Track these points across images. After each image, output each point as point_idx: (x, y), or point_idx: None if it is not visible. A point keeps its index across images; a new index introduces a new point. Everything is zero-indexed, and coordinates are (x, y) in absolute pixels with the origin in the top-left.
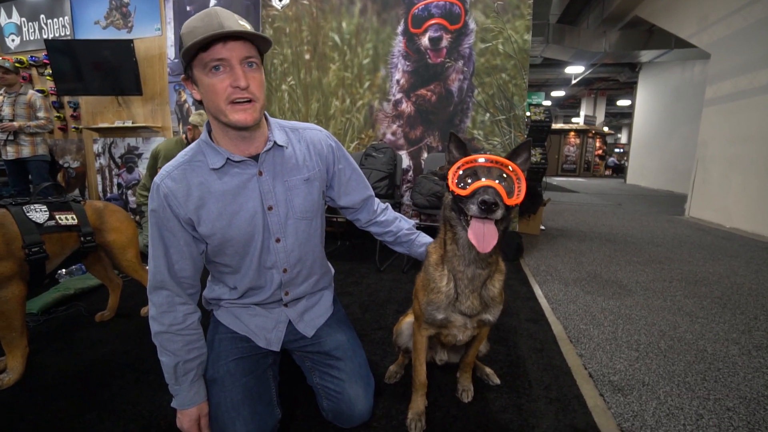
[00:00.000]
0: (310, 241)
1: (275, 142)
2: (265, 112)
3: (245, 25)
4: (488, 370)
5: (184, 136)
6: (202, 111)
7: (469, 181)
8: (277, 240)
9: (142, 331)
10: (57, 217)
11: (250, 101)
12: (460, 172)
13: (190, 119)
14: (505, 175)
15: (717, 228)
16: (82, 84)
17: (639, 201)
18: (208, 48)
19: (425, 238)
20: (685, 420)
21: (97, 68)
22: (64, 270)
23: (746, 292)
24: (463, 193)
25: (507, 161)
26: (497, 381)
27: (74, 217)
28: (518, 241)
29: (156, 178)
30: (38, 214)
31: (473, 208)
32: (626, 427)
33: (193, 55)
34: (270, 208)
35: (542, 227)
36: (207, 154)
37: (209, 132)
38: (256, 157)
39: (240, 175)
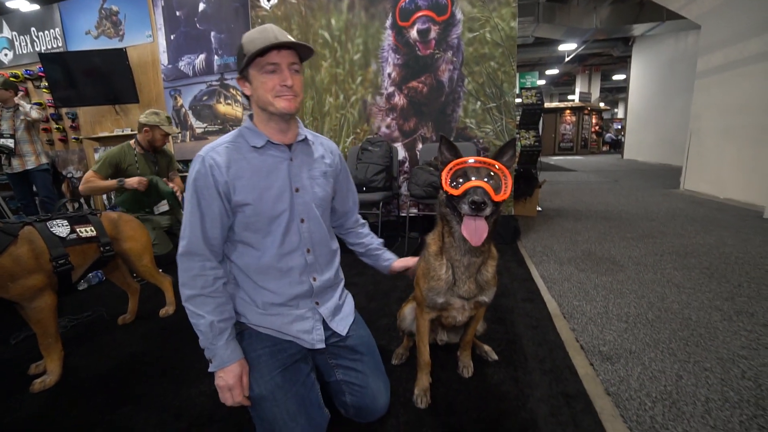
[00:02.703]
0: (325, 229)
1: (306, 137)
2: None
3: (291, 39)
4: (486, 347)
5: (133, 141)
6: (158, 111)
7: (461, 180)
8: (302, 220)
9: (163, 331)
10: (78, 230)
11: (293, 95)
12: (453, 171)
13: (144, 119)
14: (492, 173)
15: (711, 199)
16: (79, 95)
17: (636, 176)
18: (265, 54)
19: (389, 255)
20: (666, 381)
21: (93, 78)
22: (82, 280)
23: (733, 261)
24: (455, 192)
25: (493, 161)
26: (495, 357)
27: (93, 229)
28: (515, 224)
29: (201, 152)
30: (61, 228)
31: (465, 208)
32: (612, 391)
33: (252, 59)
34: (297, 190)
35: (539, 208)
36: (248, 137)
37: (251, 120)
38: (289, 147)
39: (275, 157)
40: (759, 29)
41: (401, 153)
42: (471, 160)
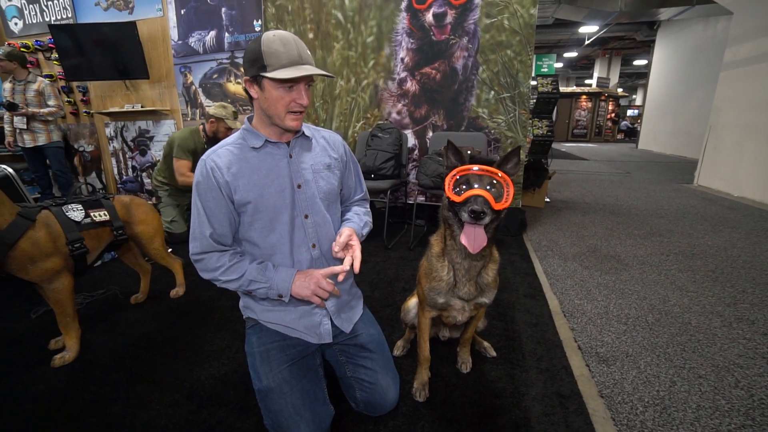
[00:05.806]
0: (333, 223)
1: (303, 132)
2: None
3: (312, 61)
4: (486, 343)
5: (201, 126)
6: (225, 104)
7: (464, 187)
8: (306, 216)
9: (174, 311)
10: (92, 214)
11: (301, 112)
12: (457, 177)
13: (212, 111)
14: (495, 181)
15: (724, 197)
16: (90, 69)
17: (649, 168)
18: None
19: (348, 223)
20: (659, 386)
21: (103, 52)
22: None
23: (740, 264)
24: (457, 199)
25: (496, 170)
26: (493, 354)
27: (106, 213)
28: (522, 217)
29: (203, 156)
30: (76, 213)
31: (465, 215)
32: (606, 394)
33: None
34: (299, 186)
35: (547, 199)
36: (247, 138)
37: (250, 122)
38: (288, 144)
39: (273, 156)
40: None
41: (411, 140)
42: (475, 167)
